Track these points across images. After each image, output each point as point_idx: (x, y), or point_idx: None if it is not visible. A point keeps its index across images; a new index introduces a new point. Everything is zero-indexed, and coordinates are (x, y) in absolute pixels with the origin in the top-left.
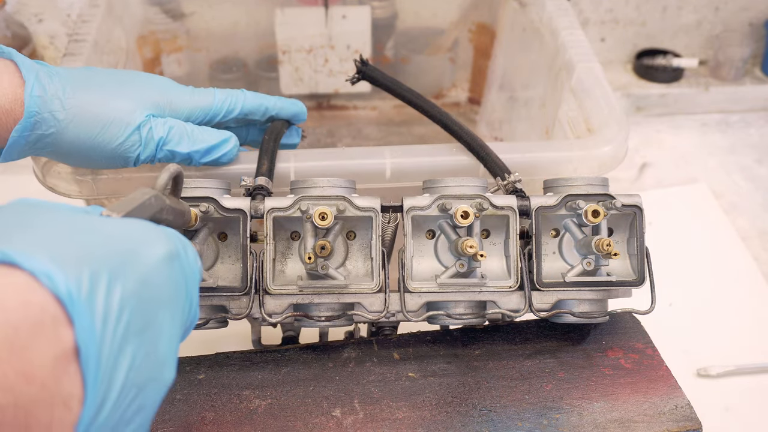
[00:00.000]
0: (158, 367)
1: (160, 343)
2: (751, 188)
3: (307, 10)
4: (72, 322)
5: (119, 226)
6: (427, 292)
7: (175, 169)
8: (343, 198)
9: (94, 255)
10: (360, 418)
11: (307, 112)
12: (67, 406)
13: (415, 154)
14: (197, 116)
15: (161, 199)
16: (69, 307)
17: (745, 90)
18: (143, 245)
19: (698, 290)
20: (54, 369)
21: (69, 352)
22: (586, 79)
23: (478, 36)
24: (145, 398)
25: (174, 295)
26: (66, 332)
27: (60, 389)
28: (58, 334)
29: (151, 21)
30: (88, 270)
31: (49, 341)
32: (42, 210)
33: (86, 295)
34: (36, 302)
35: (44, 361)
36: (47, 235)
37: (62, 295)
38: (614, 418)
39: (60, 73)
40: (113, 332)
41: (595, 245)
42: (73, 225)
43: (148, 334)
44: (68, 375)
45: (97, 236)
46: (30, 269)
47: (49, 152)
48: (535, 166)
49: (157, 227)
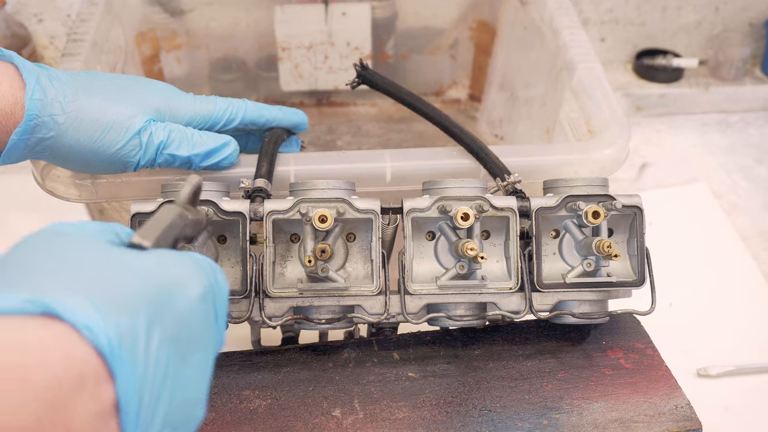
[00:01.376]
0: (192, 406)
1: (194, 382)
2: (751, 188)
3: (307, 7)
4: (113, 376)
5: (154, 262)
6: (428, 294)
7: (197, 182)
8: (342, 200)
9: (133, 301)
10: (360, 418)
11: (308, 123)
12: None
13: (416, 158)
14: (197, 123)
15: (185, 215)
16: (110, 361)
17: (745, 90)
18: (179, 286)
19: (698, 290)
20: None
21: (109, 407)
22: (587, 79)
23: (479, 33)
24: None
25: (207, 333)
26: (107, 387)
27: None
28: (100, 390)
29: (150, 18)
30: (127, 319)
31: (91, 397)
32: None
33: (126, 347)
34: (77, 356)
35: (85, 417)
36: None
37: (103, 348)
38: (614, 418)
39: (60, 77)
40: (152, 383)
41: (596, 247)
42: (109, 263)
43: (183, 377)
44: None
45: (133, 278)
46: (71, 321)
47: (48, 156)
48: (536, 170)
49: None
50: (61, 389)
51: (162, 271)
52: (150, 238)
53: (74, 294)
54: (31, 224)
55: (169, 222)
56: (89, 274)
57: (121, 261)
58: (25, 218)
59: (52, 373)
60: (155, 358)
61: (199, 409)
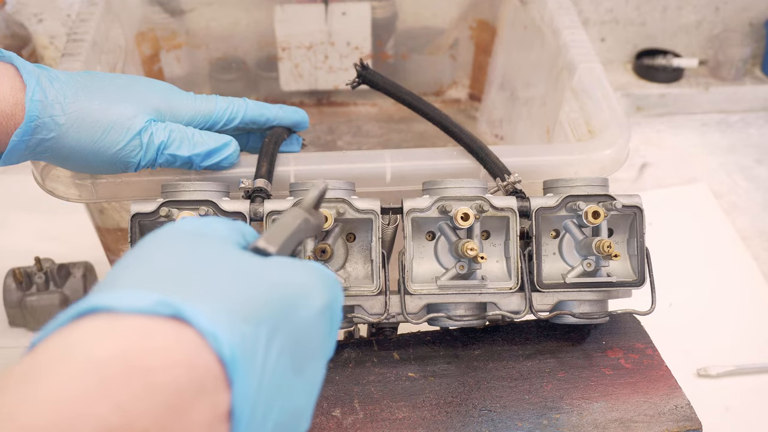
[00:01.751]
0: (299, 418)
1: (304, 394)
2: (751, 188)
3: (307, 7)
4: (231, 385)
5: (280, 269)
6: (428, 294)
7: (324, 187)
8: (342, 200)
9: (257, 310)
10: (360, 418)
11: (308, 121)
12: None
13: (416, 158)
14: (198, 123)
15: (309, 221)
16: (230, 370)
17: (745, 90)
18: (302, 296)
19: (698, 290)
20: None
21: (223, 415)
22: (587, 79)
23: (479, 33)
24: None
25: (322, 345)
26: (224, 395)
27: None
28: (217, 397)
29: (150, 18)
30: (250, 329)
31: (209, 403)
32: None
33: (246, 357)
34: (201, 363)
35: (202, 423)
36: (211, 282)
37: (226, 358)
38: (614, 418)
39: (61, 78)
40: (267, 393)
41: (596, 247)
42: (236, 269)
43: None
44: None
45: (261, 284)
46: (198, 327)
47: (49, 156)
48: (536, 170)
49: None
50: (183, 394)
51: (288, 280)
52: (275, 243)
53: (201, 299)
54: (31, 224)
55: (295, 228)
56: (216, 279)
57: (248, 268)
58: (25, 218)
59: (176, 378)
60: (272, 369)
61: (304, 421)
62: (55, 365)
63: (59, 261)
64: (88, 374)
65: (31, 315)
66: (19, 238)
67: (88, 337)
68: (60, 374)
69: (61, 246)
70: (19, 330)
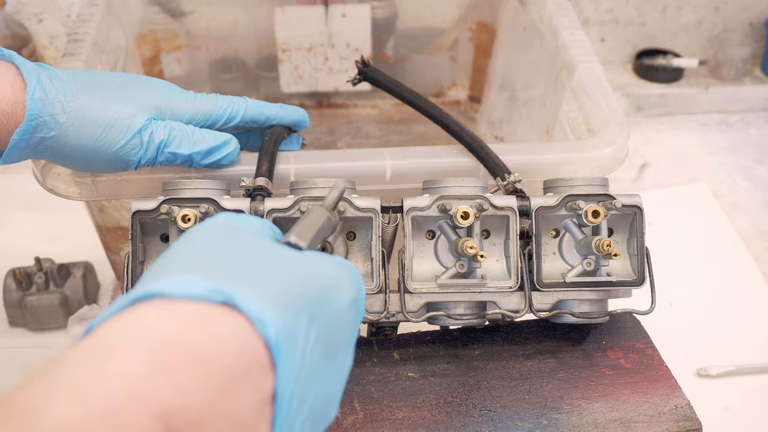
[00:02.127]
0: (329, 406)
1: (335, 381)
2: (751, 188)
3: (307, 9)
4: (275, 369)
5: (314, 263)
6: (428, 292)
7: (343, 187)
8: (342, 199)
9: (297, 300)
10: (360, 418)
11: (308, 120)
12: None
13: (416, 156)
14: (198, 121)
15: (331, 220)
16: (275, 355)
17: (745, 90)
18: (334, 289)
19: (698, 290)
20: (255, 414)
21: (267, 398)
22: (587, 79)
23: (479, 34)
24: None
25: (350, 336)
26: (268, 379)
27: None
28: (263, 380)
29: (150, 20)
30: (293, 316)
31: (255, 388)
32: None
33: (288, 343)
34: (250, 347)
35: (249, 407)
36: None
37: (272, 343)
38: (614, 418)
39: (61, 76)
40: (304, 379)
41: (596, 246)
42: (277, 261)
43: (327, 375)
44: (263, 418)
45: (298, 276)
46: (248, 314)
47: (49, 155)
48: (536, 168)
49: (345, 267)
50: (234, 379)
51: (322, 273)
52: (306, 239)
53: (249, 288)
54: (31, 224)
55: (321, 225)
56: (258, 269)
57: (285, 260)
58: (25, 217)
59: (228, 361)
60: (309, 356)
61: (334, 407)
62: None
63: (59, 261)
64: (148, 355)
65: (31, 315)
66: (19, 238)
67: (147, 320)
68: (122, 354)
69: (61, 246)
70: (19, 330)
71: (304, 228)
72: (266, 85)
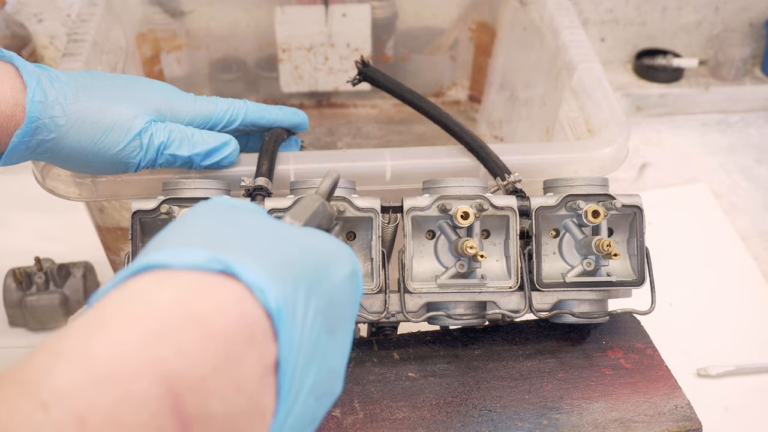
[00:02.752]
0: (333, 380)
1: (337, 356)
2: (751, 188)
3: (307, 9)
4: (277, 337)
5: (311, 237)
6: (428, 292)
7: (337, 176)
8: (343, 198)
9: (296, 269)
10: (360, 418)
11: (308, 122)
12: (263, 418)
13: (416, 156)
14: (198, 124)
15: (325, 206)
16: (277, 322)
17: (745, 90)
18: (332, 263)
19: (698, 290)
20: (259, 381)
21: (271, 365)
22: (587, 79)
23: (479, 34)
24: (318, 410)
25: (350, 312)
26: (271, 347)
27: (260, 401)
28: (265, 348)
29: (150, 19)
30: (291, 286)
31: (259, 355)
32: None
33: (289, 312)
34: (251, 315)
35: (253, 373)
36: (255, 244)
37: (272, 310)
38: (614, 418)
39: (61, 78)
40: (306, 349)
41: (595, 246)
42: (276, 234)
43: (329, 349)
44: (268, 388)
45: (296, 248)
46: (247, 282)
47: (49, 157)
48: (536, 168)
49: (340, 243)
50: (236, 343)
51: (320, 246)
52: (300, 219)
53: (249, 258)
54: (31, 224)
55: (315, 209)
56: (257, 241)
57: (283, 233)
58: (25, 218)
59: (229, 327)
60: (310, 327)
61: (338, 383)
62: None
63: (59, 261)
64: (149, 319)
65: (31, 315)
66: (19, 238)
67: (148, 287)
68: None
69: (61, 246)
70: (19, 330)
71: (298, 209)
72: (266, 85)
